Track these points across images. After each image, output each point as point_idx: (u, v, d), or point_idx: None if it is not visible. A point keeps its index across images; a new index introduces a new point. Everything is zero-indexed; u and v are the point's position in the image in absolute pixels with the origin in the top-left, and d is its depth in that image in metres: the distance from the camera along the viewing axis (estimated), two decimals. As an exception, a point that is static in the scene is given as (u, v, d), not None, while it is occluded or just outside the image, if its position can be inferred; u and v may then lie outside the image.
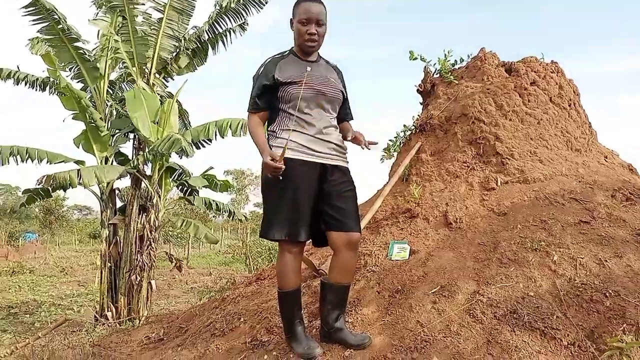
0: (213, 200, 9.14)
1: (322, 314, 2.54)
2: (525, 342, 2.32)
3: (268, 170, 2.24)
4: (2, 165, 7.14)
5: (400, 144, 4.86)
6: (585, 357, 2.23)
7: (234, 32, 8.79)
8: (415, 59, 4.86)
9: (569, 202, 3.48)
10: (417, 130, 4.66)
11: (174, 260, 8.68)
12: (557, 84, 4.48)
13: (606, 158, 4.34)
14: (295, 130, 2.37)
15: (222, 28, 8.72)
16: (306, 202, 2.34)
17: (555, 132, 4.20)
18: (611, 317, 2.39)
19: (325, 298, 2.52)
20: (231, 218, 9.78)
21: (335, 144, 2.46)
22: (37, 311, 9.86)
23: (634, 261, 2.78)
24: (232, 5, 8.09)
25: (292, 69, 2.40)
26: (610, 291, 2.53)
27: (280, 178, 2.26)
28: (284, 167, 2.22)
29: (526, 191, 3.66)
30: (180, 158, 8.24)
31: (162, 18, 8.08)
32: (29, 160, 7.32)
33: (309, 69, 2.43)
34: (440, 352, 2.33)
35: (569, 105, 4.46)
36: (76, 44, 7.75)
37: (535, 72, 4.49)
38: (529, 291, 2.65)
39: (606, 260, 2.79)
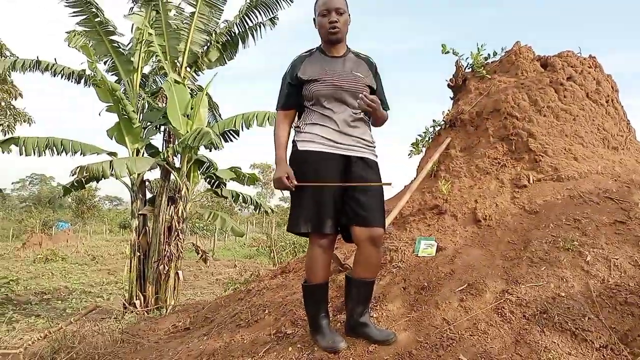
0: (240, 193, 9.24)
1: (348, 309, 2.53)
2: (555, 343, 2.26)
3: (276, 183, 2.38)
4: (39, 156, 7.39)
5: (429, 139, 4.79)
6: (619, 361, 2.16)
7: (264, 26, 8.84)
8: (447, 52, 4.77)
9: (604, 201, 3.36)
10: (447, 126, 4.58)
11: (200, 252, 8.83)
12: (594, 79, 4.33)
13: (645, 157, 4.17)
14: (317, 124, 2.42)
15: (252, 22, 8.78)
16: (330, 194, 2.34)
17: (591, 129, 4.06)
18: (647, 321, 2.30)
19: (350, 293, 2.51)
20: (257, 211, 9.87)
21: (360, 137, 2.44)
22: (68, 298, 10.20)
23: (673, 264, 2.67)
24: (263, -2, 8.14)
25: (316, 66, 2.44)
26: (647, 294, 2.44)
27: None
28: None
29: (560, 189, 3.55)
30: (210, 151, 8.36)
31: (194, 12, 8.19)
32: (64, 152, 7.55)
33: (330, 67, 2.43)
34: (466, 350, 2.29)
35: (607, 102, 4.31)
36: (112, 37, 7.95)
37: (571, 66, 4.34)
38: (560, 291, 2.58)
39: (643, 262, 2.69)
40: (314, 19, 2.49)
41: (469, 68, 4.90)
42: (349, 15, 2.47)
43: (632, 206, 3.24)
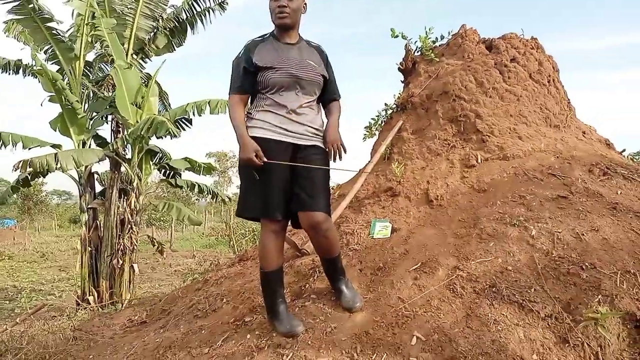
0: (196, 183, 9.07)
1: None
2: (503, 315, 2.36)
3: (244, 162, 2.34)
4: (-25, 151, 6.96)
5: (381, 123, 4.85)
6: (562, 329, 2.28)
7: (213, 11, 8.62)
8: (397, 36, 4.81)
9: (547, 177, 3.52)
10: (399, 109, 4.64)
11: (156, 244, 8.63)
12: (536, 60, 4.49)
13: (584, 134, 4.38)
14: (268, 111, 2.41)
15: (200, 7, 8.55)
16: (278, 180, 2.36)
17: (534, 108, 4.22)
18: (587, 289, 2.44)
19: (322, 265, 2.69)
20: (214, 200, 9.74)
21: (309, 125, 2.46)
22: (16, 297, 9.75)
23: (610, 234, 2.84)
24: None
25: (271, 53, 2.42)
26: (587, 264, 2.59)
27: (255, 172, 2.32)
28: (261, 164, 2.30)
29: (506, 168, 3.69)
30: (162, 139, 8.14)
31: (140, -3, 7.88)
32: (3, 146, 7.14)
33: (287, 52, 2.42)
34: (421, 327, 2.36)
35: (548, 82, 4.48)
36: (49, 24, 7.51)
37: (515, 48, 4.48)
38: (508, 265, 2.69)
39: (583, 234, 2.84)
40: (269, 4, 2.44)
41: (418, 51, 4.96)
42: (305, 3, 2.44)
43: (574, 181, 3.41)
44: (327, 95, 2.60)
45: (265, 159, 2.31)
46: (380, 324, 2.43)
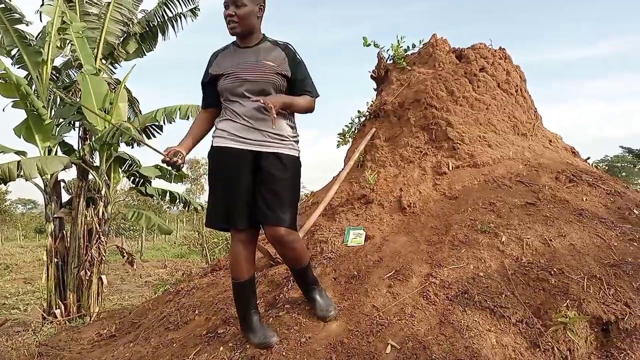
0: (167, 190, 8.91)
1: None
2: (476, 321, 2.39)
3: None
4: None
5: (355, 130, 4.87)
6: (532, 333, 2.33)
7: (185, 17, 8.54)
8: (369, 45, 4.86)
9: (515, 184, 3.60)
10: (372, 116, 4.68)
11: (125, 254, 8.42)
12: (504, 70, 4.60)
13: (551, 142, 4.51)
14: (228, 119, 2.37)
15: (172, 12, 8.46)
16: (239, 189, 2.31)
17: (502, 117, 4.32)
18: (556, 294, 2.50)
19: (292, 275, 2.71)
20: (186, 209, 9.58)
21: (270, 132, 2.33)
22: (-22, 312, 9.33)
23: (577, 240, 2.91)
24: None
25: (227, 60, 2.39)
26: (555, 269, 2.65)
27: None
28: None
29: (476, 175, 3.75)
30: (132, 147, 7.98)
31: (110, 1, 7.74)
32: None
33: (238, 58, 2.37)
34: (395, 334, 2.36)
35: (516, 91, 4.60)
36: (17, 26, 7.28)
37: (484, 58, 4.59)
38: (479, 272, 2.73)
39: (551, 240, 2.91)
40: None
41: (390, 60, 5.03)
42: (260, 5, 2.35)
43: (541, 188, 3.50)
44: (298, 92, 2.42)
45: (173, 155, 2.26)
46: (354, 333, 2.43)
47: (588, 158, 4.69)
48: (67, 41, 7.55)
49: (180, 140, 2.43)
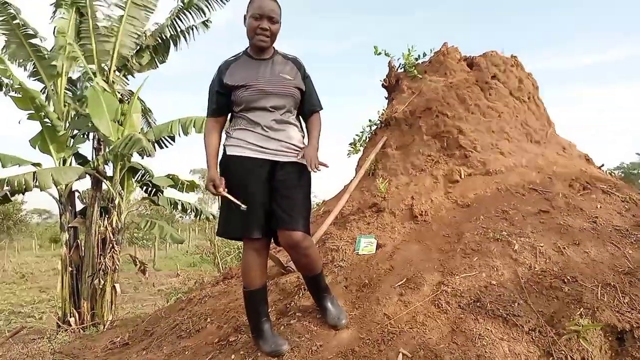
0: (178, 200, 8.98)
1: None
2: (488, 329, 2.37)
3: (207, 188, 2.35)
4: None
5: (366, 139, 4.88)
6: (545, 342, 2.29)
7: (196, 29, 8.65)
8: (380, 53, 4.88)
9: (529, 192, 3.57)
10: (383, 125, 4.69)
11: (138, 263, 8.48)
12: (516, 77, 4.59)
13: (564, 149, 4.47)
14: (245, 129, 2.40)
15: (184, 25, 8.58)
16: (257, 199, 2.33)
17: (515, 124, 4.30)
18: (569, 302, 2.46)
19: (305, 282, 2.71)
20: (198, 218, 9.63)
21: (286, 142, 2.41)
22: (-6, 320, 9.45)
23: (591, 248, 2.88)
24: (195, 1, 7.97)
25: (242, 71, 2.40)
26: (568, 277, 2.61)
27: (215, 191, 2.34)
28: (222, 192, 2.31)
29: (488, 183, 3.73)
30: (142, 158, 8.07)
31: (123, 15, 7.88)
32: (-19, 165, 7.00)
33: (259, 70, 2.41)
34: (406, 343, 2.35)
35: (528, 98, 4.58)
36: (32, 40, 7.46)
37: (495, 66, 4.58)
38: (492, 280, 2.71)
39: (564, 248, 2.88)
40: (245, 17, 2.41)
41: (401, 68, 5.04)
42: (280, 23, 2.41)
43: (554, 196, 3.47)
44: (307, 107, 2.54)
45: (222, 190, 2.31)
46: (366, 341, 2.42)
47: (602, 165, 4.64)
48: (75, 58, 7.69)
49: (210, 164, 2.40)
